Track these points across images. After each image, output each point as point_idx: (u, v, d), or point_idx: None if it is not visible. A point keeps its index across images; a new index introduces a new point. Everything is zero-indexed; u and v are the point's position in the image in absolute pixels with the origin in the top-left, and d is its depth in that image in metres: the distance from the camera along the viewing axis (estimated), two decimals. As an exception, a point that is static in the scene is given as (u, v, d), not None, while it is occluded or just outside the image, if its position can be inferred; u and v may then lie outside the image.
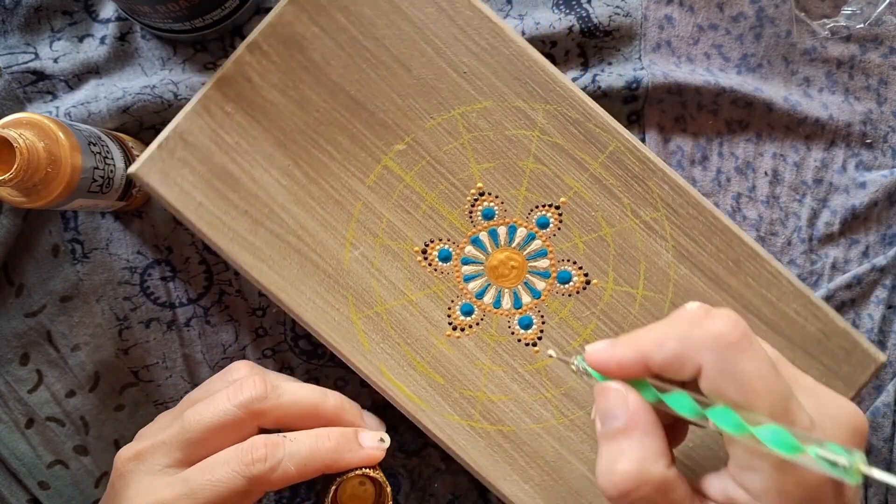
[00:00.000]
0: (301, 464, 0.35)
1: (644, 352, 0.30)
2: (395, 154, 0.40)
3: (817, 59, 0.46)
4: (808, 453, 0.25)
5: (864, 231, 0.46)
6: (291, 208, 0.39)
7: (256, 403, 0.35)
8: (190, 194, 0.39)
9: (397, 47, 0.40)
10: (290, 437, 0.35)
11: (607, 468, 0.29)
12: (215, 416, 0.35)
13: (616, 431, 0.30)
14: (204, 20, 0.40)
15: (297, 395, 0.37)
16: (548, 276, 0.41)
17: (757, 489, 0.28)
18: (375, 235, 0.40)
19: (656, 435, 0.29)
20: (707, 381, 0.28)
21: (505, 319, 0.41)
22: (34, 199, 0.35)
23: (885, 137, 0.46)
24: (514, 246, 0.41)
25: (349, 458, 0.36)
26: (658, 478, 0.28)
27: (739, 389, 0.27)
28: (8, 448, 0.43)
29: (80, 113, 0.42)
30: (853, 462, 0.25)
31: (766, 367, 0.28)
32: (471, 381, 0.40)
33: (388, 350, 0.40)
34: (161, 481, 0.34)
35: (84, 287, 0.43)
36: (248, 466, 0.34)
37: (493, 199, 0.40)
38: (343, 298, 0.40)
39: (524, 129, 0.40)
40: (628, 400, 0.30)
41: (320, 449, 0.35)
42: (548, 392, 0.40)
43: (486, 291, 0.41)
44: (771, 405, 0.27)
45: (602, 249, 0.40)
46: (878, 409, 0.45)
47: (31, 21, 0.43)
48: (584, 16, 0.44)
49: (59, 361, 0.43)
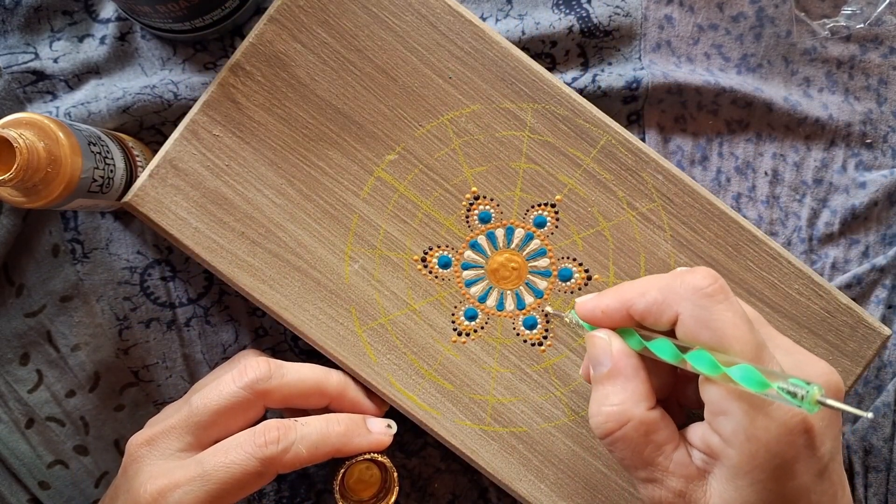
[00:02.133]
0: (312, 446, 0.35)
1: (627, 300, 0.32)
2: (388, 165, 0.40)
3: (817, 59, 0.46)
4: (774, 388, 0.27)
5: (864, 231, 0.46)
6: (288, 226, 0.40)
7: (261, 383, 0.36)
8: (185, 220, 0.39)
9: (380, 57, 0.40)
10: (301, 422, 0.36)
11: (595, 410, 0.32)
12: (221, 398, 0.36)
13: (603, 377, 0.32)
14: (204, 20, 0.40)
15: (301, 373, 0.37)
16: (549, 275, 0.41)
17: (727, 433, 0.29)
18: (374, 247, 0.40)
19: (638, 379, 0.32)
20: (683, 327, 0.30)
21: (509, 321, 0.41)
22: (34, 199, 0.35)
23: (885, 137, 0.46)
24: (512, 247, 0.41)
25: (358, 442, 0.37)
26: (638, 418, 0.31)
27: (713, 335, 0.29)
28: (8, 448, 0.43)
29: (80, 113, 0.42)
30: (811, 392, 0.26)
31: (738, 318, 0.29)
32: (479, 385, 0.40)
33: (395, 360, 0.40)
34: (174, 464, 0.35)
35: (84, 287, 0.43)
36: (262, 448, 0.34)
37: (488, 203, 0.40)
38: (346, 312, 0.40)
39: (514, 129, 0.40)
40: (612, 347, 0.32)
41: (331, 433, 0.36)
42: (557, 390, 0.40)
43: (489, 295, 0.41)
44: (743, 350, 0.29)
45: (601, 244, 0.41)
46: (878, 409, 0.45)
47: (31, 21, 0.43)
48: (584, 16, 0.44)
49: (59, 361, 0.43)
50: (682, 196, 0.40)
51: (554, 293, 0.41)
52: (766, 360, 0.29)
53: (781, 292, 0.40)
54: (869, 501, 0.45)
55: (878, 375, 0.45)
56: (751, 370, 0.28)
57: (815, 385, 0.26)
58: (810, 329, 0.41)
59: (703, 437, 0.30)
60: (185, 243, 0.39)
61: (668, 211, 0.40)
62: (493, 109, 0.40)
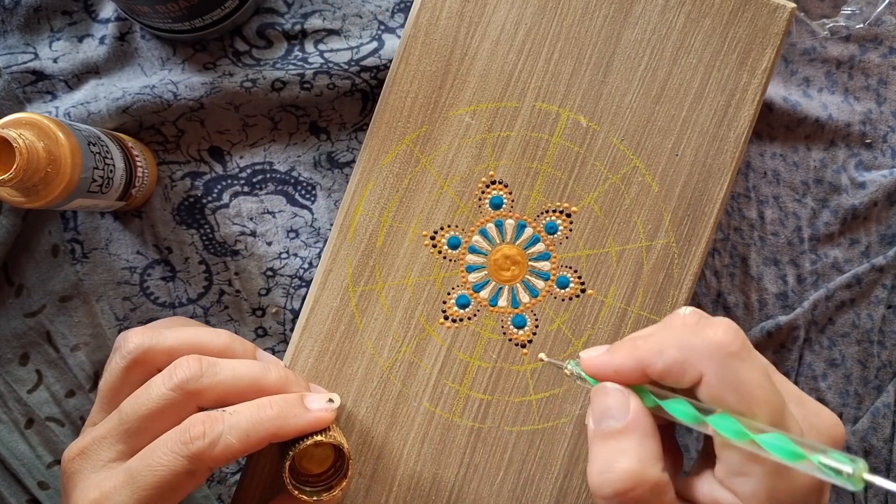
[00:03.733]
0: (243, 435, 0.33)
1: (642, 359, 0.30)
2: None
3: (817, 59, 0.46)
4: (811, 461, 0.26)
5: (864, 231, 0.46)
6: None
7: (192, 383, 0.34)
8: None
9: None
10: (229, 411, 0.34)
11: (605, 466, 0.29)
12: (151, 401, 0.34)
13: (615, 431, 0.30)
14: (204, 20, 0.40)
15: (237, 371, 0.35)
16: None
17: (747, 493, 0.28)
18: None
19: (655, 437, 0.30)
20: (708, 388, 0.28)
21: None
22: (34, 199, 0.35)
23: (884, 137, 0.46)
24: (518, 243, 0.41)
25: (295, 422, 0.35)
26: (655, 479, 0.29)
27: (740, 398, 0.28)
28: (8, 448, 0.43)
29: (79, 113, 0.42)
30: (857, 470, 0.25)
31: (764, 377, 0.28)
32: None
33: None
34: (104, 475, 0.34)
35: (84, 287, 0.43)
36: (187, 445, 0.32)
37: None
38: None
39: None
40: (630, 401, 0.30)
41: (262, 417, 0.34)
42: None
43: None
44: (770, 414, 0.28)
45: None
46: (878, 410, 0.45)
47: (30, 21, 0.43)
48: (583, 16, 0.44)
49: (59, 361, 0.43)
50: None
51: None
52: (788, 421, 0.28)
53: None
54: (869, 502, 0.45)
55: (877, 375, 0.45)
56: (783, 440, 0.26)
57: (859, 461, 0.25)
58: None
59: (712, 493, 0.29)
60: None
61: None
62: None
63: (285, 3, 0.44)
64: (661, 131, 0.40)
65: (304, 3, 0.44)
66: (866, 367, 0.45)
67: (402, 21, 0.44)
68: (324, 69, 0.43)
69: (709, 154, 0.40)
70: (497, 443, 0.40)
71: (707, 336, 0.29)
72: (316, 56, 0.43)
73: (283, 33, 0.43)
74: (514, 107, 0.40)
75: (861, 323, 0.45)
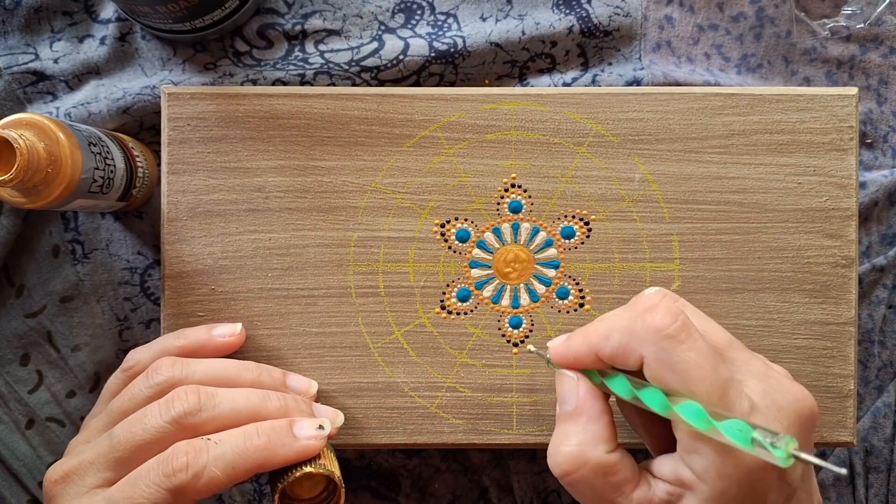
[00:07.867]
0: (228, 467, 0.32)
1: (594, 344, 0.32)
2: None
3: (817, 59, 0.46)
4: (718, 428, 0.27)
5: (865, 231, 0.46)
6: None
7: (190, 418, 0.33)
8: None
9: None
10: (214, 439, 0.33)
11: (553, 450, 0.31)
12: (146, 432, 0.33)
13: (566, 415, 0.32)
14: (204, 20, 0.40)
15: (236, 403, 0.34)
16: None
17: (699, 470, 0.29)
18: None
19: (602, 421, 0.31)
20: (648, 369, 0.30)
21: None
22: (34, 199, 0.35)
23: (885, 137, 0.46)
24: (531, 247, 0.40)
25: (283, 453, 0.33)
26: (595, 461, 0.30)
27: (676, 377, 0.29)
28: (8, 448, 0.43)
29: (80, 113, 0.42)
30: (783, 445, 0.26)
31: (703, 358, 0.29)
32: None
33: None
34: (85, 502, 0.33)
35: (84, 287, 0.43)
36: (169, 478, 0.31)
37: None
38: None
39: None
40: (579, 386, 0.32)
41: (248, 447, 0.33)
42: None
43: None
44: (707, 392, 0.29)
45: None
46: (878, 410, 0.45)
47: (31, 21, 0.43)
48: (584, 16, 0.44)
49: (60, 362, 0.43)
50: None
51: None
52: (733, 399, 0.29)
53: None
54: (870, 502, 0.45)
55: (878, 375, 0.46)
56: (696, 407, 0.28)
57: (786, 437, 0.26)
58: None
59: (674, 470, 0.30)
60: None
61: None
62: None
63: (286, 3, 0.44)
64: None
65: (304, 4, 0.44)
66: (867, 367, 0.45)
67: (402, 21, 0.44)
68: (324, 69, 0.43)
69: None
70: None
71: (646, 320, 0.30)
72: (316, 56, 0.43)
73: (284, 34, 0.43)
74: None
75: (862, 323, 0.45)
